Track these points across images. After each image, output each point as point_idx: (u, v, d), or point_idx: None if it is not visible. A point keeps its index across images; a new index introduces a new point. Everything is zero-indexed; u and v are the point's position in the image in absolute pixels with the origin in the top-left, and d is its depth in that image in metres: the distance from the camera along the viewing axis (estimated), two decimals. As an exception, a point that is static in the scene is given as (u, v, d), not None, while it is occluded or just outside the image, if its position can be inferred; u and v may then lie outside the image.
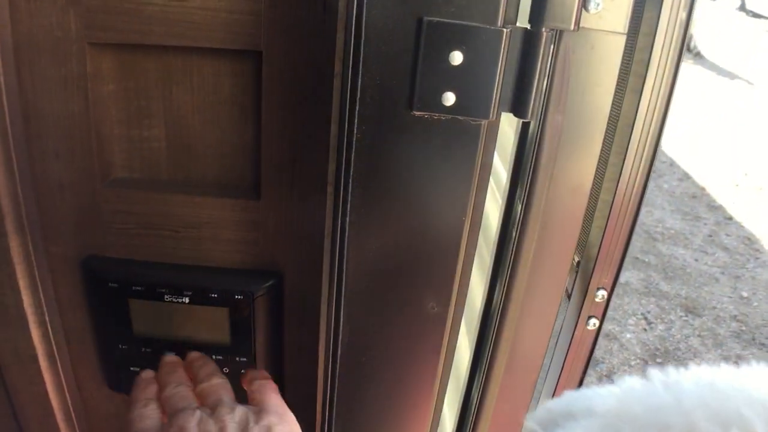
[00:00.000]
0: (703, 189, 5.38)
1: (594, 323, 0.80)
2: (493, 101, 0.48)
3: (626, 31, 0.49)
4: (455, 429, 0.79)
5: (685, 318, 3.73)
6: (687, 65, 8.74)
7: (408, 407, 0.66)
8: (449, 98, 0.48)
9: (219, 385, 0.66)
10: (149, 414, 0.63)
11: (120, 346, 0.72)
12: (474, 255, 0.59)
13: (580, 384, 0.83)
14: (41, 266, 0.67)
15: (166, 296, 0.67)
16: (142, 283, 0.67)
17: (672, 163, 5.78)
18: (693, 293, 3.97)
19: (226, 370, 0.71)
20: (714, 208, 5.09)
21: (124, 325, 0.70)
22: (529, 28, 0.47)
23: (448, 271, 0.57)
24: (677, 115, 6.72)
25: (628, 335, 3.56)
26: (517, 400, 0.70)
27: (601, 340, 3.12)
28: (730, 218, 4.93)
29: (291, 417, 0.64)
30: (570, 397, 0.48)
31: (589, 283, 0.77)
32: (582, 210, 0.57)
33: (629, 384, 0.44)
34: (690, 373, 0.43)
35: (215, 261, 0.68)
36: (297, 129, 0.60)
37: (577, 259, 0.79)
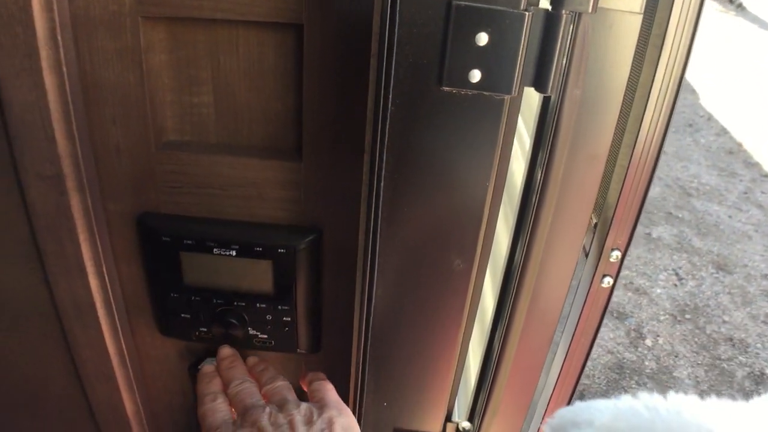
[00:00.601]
0: (740, 144, 5.27)
1: (608, 281, 0.84)
2: (516, 78, 0.51)
3: (642, 11, 0.52)
4: (479, 373, 0.82)
5: (716, 275, 3.71)
6: (728, 17, 8.48)
7: (435, 353, 0.70)
8: (475, 75, 0.51)
9: (283, 386, 0.72)
10: (219, 408, 0.69)
11: (171, 294, 0.75)
12: (497, 217, 0.62)
13: (595, 335, 0.87)
14: (99, 222, 0.69)
15: (214, 249, 0.70)
16: (192, 238, 0.70)
17: (710, 118, 5.65)
18: (725, 250, 3.93)
19: (269, 317, 0.75)
20: (750, 164, 4.99)
21: (175, 276, 0.73)
22: (550, 9, 0.50)
23: (472, 233, 0.60)
24: (717, 69, 6.56)
25: (658, 290, 3.55)
26: (536, 348, 0.74)
27: (630, 294, 3.13)
28: (766, 175, 4.85)
29: (348, 410, 0.69)
30: (578, 408, 0.57)
31: (604, 243, 0.80)
32: (598, 176, 0.60)
33: (624, 402, 0.54)
34: (667, 400, 0.52)
35: (260, 217, 0.70)
36: (336, 98, 0.61)
37: (595, 221, 0.83)
